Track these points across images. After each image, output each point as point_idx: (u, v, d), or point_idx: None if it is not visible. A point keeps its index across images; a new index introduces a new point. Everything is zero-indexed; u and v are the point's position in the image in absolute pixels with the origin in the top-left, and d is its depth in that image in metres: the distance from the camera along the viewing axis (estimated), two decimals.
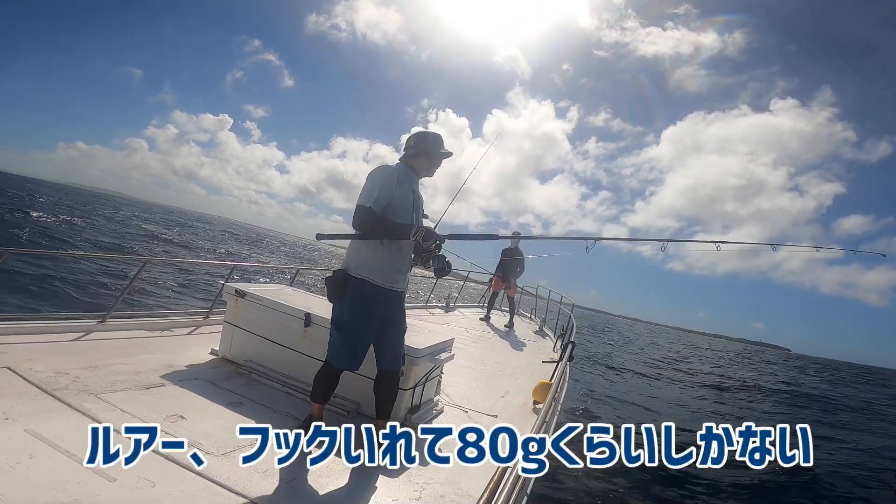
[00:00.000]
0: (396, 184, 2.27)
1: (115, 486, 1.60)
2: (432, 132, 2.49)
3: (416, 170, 2.45)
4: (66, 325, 3.22)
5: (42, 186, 77.34)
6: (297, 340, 2.95)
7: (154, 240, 24.31)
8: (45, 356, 2.63)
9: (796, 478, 6.28)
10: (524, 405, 3.61)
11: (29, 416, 1.94)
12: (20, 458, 1.63)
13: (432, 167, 2.47)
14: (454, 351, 3.20)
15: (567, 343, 4.23)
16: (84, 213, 31.57)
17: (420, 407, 2.85)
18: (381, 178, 2.25)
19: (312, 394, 2.34)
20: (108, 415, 2.10)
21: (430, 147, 2.43)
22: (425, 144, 2.43)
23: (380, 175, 2.26)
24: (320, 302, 3.49)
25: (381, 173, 2.27)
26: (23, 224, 17.80)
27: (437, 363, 2.87)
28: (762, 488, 6.01)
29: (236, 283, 3.24)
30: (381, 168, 2.32)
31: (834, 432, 10.64)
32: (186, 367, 2.96)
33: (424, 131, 2.49)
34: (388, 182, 2.25)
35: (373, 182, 2.25)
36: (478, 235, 2.69)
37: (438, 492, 2.06)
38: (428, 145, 2.43)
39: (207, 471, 1.82)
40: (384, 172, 2.28)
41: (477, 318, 7.95)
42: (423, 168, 2.46)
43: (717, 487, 5.82)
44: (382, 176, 2.26)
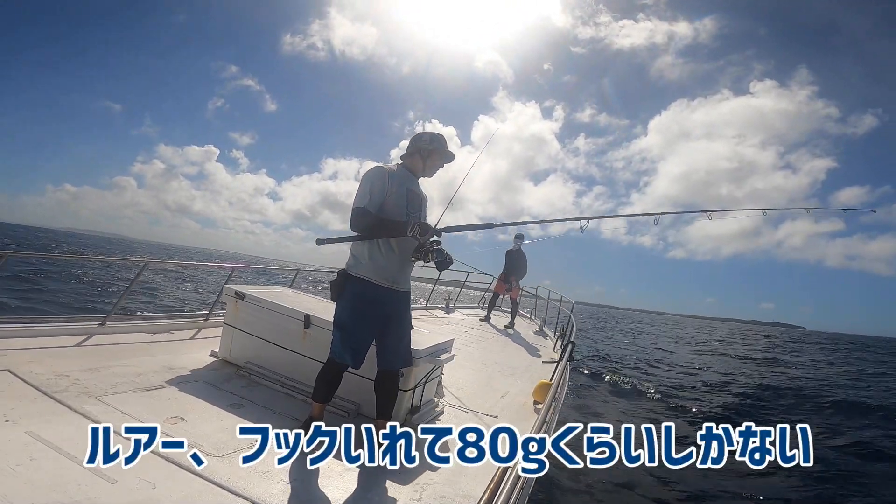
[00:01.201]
0: (389, 182, 2.29)
1: (115, 487, 1.60)
2: (431, 132, 2.49)
3: (413, 169, 2.46)
4: (67, 328, 3.23)
5: (42, 234, 74.99)
6: (297, 342, 2.95)
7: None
8: (46, 358, 2.64)
9: (796, 478, 6.27)
10: (524, 405, 3.61)
11: (29, 418, 1.94)
12: (21, 460, 1.63)
13: (427, 166, 2.47)
14: (454, 351, 3.21)
15: (567, 343, 4.24)
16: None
17: (420, 407, 2.85)
18: (372, 179, 2.28)
19: (314, 393, 2.35)
20: (109, 416, 2.10)
21: (423, 145, 2.45)
22: (419, 143, 2.45)
23: (371, 176, 2.29)
24: (320, 303, 3.49)
25: (373, 174, 2.30)
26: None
27: (438, 364, 2.87)
28: (762, 488, 6.01)
29: (236, 285, 3.24)
30: (372, 169, 2.34)
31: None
32: (186, 369, 2.96)
33: (422, 132, 2.49)
34: (380, 181, 2.28)
35: (365, 183, 2.27)
36: (473, 226, 2.68)
37: (438, 492, 2.06)
38: (421, 143, 2.45)
39: (207, 471, 1.82)
40: (375, 173, 2.30)
41: (477, 319, 7.95)
42: (419, 167, 2.46)
43: (718, 487, 5.81)
44: (373, 176, 2.28)
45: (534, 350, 6.31)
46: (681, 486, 5.63)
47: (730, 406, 9.80)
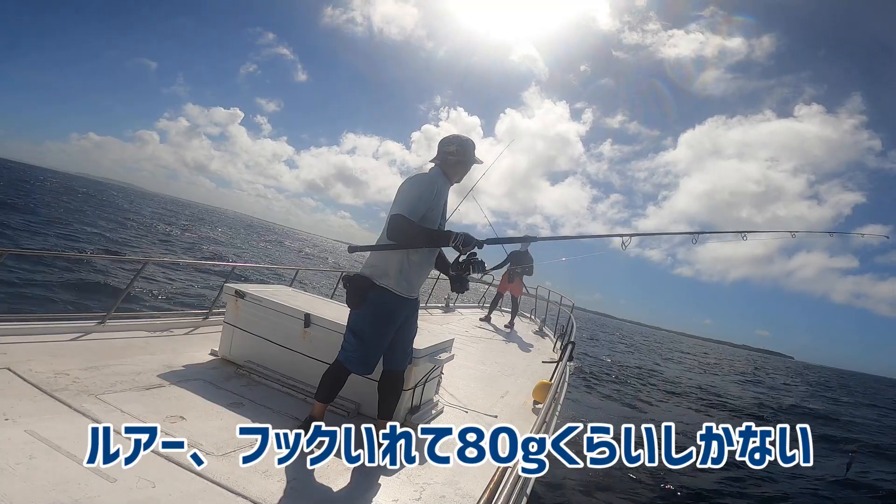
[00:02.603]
0: (435, 196, 2.24)
1: (115, 486, 1.60)
2: (471, 139, 2.39)
3: (451, 177, 2.39)
4: (66, 326, 3.22)
5: (53, 175, 75.80)
6: (297, 341, 2.95)
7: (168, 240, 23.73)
8: (45, 357, 2.63)
9: (796, 478, 6.28)
10: (524, 405, 3.61)
11: (29, 416, 1.94)
12: (20, 459, 1.63)
13: (459, 174, 2.40)
14: (454, 351, 3.21)
15: (567, 343, 4.24)
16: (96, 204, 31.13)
17: (420, 407, 2.85)
18: (423, 190, 2.20)
19: (318, 393, 2.33)
20: (108, 415, 2.10)
21: (472, 157, 2.37)
22: (468, 154, 2.36)
23: (422, 186, 2.21)
24: (320, 302, 3.49)
25: (425, 184, 2.22)
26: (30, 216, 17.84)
27: (437, 363, 2.87)
28: (762, 488, 6.01)
29: (236, 284, 3.24)
30: (423, 178, 2.26)
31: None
32: (186, 368, 2.96)
33: (466, 138, 2.38)
34: (430, 194, 2.21)
35: (415, 193, 2.18)
36: (514, 239, 2.66)
37: (438, 492, 2.06)
38: (470, 155, 2.36)
39: (207, 471, 1.82)
40: (428, 184, 2.23)
41: (477, 319, 7.94)
42: (459, 176, 2.41)
43: (718, 487, 5.82)
44: (425, 188, 2.21)
45: (533, 350, 6.32)
46: (681, 486, 5.64)
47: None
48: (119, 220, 26.30)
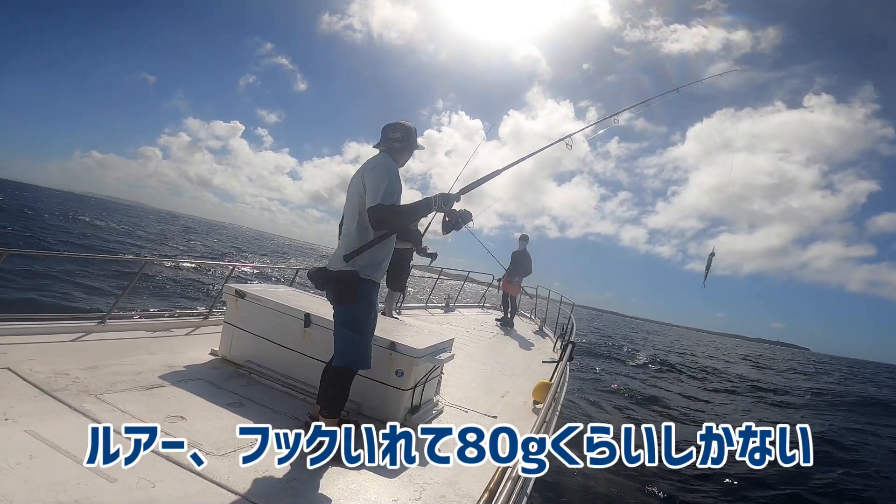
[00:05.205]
0: (398, 178, 2.33)
1: (115, 486, 1.60)
2: (413, 126, 2.50)
3: (397, 161, 2.46)
4: (66, 326, 3.22)
5: (55, 197, 74.58)
6: (297, 341, 2.95)
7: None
8: (45, 357, 2.64)
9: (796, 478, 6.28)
10: (524, 405, 3.61)
11: (29, 416, 1.94)
12: (20, 459, 1.63)
13: (405, 159, 2.51)
14: (454, 351, 3.20)
15: (567, 343, 4.23)
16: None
17: (420, 407, 2.85)
18: (393, 173, 2.29)
19: (331, 409, 2.28)
20: (108, 415, 2.10)
21: (414, 143, 2.49)
22: (412, 141, 2.47)
23: (389, 173, 2.27)
24: (320, 302, 3.49)
25: (391, 171, 2.29)
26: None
27: (437, 363, 2.87)
28: (762, 488, 6.01)
29: (236, 284, 3.24)
30: (384, 165, 2.31)
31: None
32: (186, 368, 2.96)
33: (408, 125, 2.47)
34: (397, 178, 2.30)
35: (388, 177, 2.24)
36: (484, 178, 2.60)
37: (438, 492, 2.06)
38: (413, 141, 2.48)
39: (207, 471, 1.82)
40: (393, 170, 2.31)
41: (477, 319, 7.94)
42: (403, 161, 2.50)
43: (718, 487, 5.81)
44: (392, 173, 2.28)
45: (534, 350, 6.32)
46: (681, 485, 5.63)
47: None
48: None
